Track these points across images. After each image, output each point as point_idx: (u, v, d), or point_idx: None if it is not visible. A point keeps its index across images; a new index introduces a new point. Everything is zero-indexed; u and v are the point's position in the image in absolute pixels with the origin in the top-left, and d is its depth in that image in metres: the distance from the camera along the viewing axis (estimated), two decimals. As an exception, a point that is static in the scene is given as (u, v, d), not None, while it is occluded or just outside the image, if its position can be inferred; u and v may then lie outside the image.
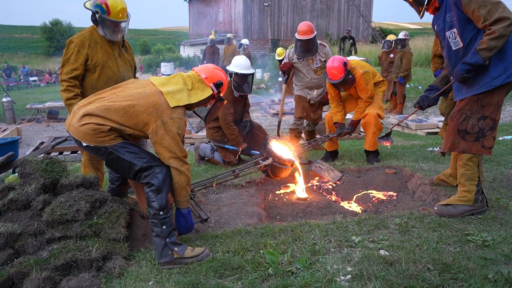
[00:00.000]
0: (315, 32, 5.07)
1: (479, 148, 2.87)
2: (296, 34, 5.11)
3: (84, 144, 2.48)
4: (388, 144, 4.04)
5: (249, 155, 4.86)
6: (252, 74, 4.82)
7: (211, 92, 2.71)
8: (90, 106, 2.51)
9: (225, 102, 2.93)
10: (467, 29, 2.77)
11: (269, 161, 3.62)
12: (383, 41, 11.09)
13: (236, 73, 4.70)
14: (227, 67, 5.04)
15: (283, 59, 9.90)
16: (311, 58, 5.16)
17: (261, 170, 3.72)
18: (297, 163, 3.80)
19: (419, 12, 3.00)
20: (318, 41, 5.20)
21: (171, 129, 2.47)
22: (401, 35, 9.89)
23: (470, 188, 2.95)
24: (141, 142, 3.41)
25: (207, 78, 2.71)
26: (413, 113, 4.41)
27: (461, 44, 2.83)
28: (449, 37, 2.88)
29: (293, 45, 5.24)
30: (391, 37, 10.62)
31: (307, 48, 5.06)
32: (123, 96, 2.53)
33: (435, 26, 3.03)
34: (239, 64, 4.74)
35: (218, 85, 2.73)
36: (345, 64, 4.35)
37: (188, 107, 2.68)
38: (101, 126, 2.43)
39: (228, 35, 14.32)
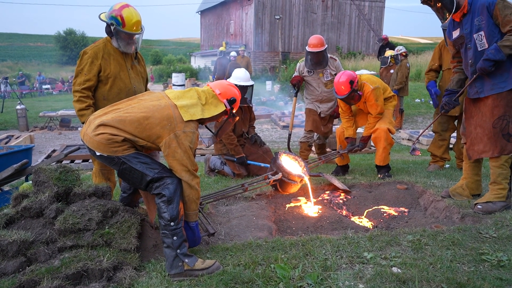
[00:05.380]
0: (326, 45, 5.08)
1: None
2: (306, 47, 5.12)
3: (98, 154, 2.51)
4: (418, 153, 4.32)
5: (245, 165, 4.91)
6: (252, 86, 4.97)
7: (224, 108, 2.74)
8: (105, 117, 2.54)
9: (237, 118, 2.95)
10: (493, 33, 3.18)
11: (279, 176, 3.61)
12: (380, 58, 11.07)
13: (236, 85, 4.77)
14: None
15: None
16: (321, 71, 5.18)
17: (270, 185, 3.71)
18: (306, 179, 3.79)
19: (443, 18, 3.40)
20: (329, 55, 5.21)
21: (184, 143, 2.49)
22: (394, 52, 10.25)
23: (505, 185, 3.36)
24: (154, 153, 3.43)
25: (221, 94, 2.73)
26: (436, 119, 4.61)
27: (486, 46, 3.21)
28: (476, 39, 3.26)
29: (304, 58, 5.27)
30: (387, 53, 10.63)
31: (318, 61, 5.07)
32: (138, 108, 2.56)
33: (457, 31, 3.40)
34: (239, 76, 4.90)
35: (231, 101, 2.76)
36: (351, 82, 4.35)
37: (201, 121, 2.71)
38: (114, 137, 2.46)
39: (241, 47, 14.43)
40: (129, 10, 3.31)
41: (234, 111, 2.83)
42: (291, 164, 3.92)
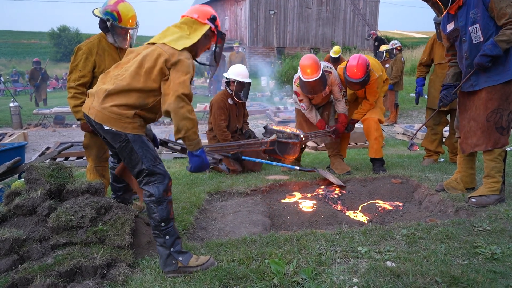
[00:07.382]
0: (322, 66, 4.25)
1: (508, 139, 3.35)
2: (300, 74, 4.24)
3: (106, 128, 2.43)
4: (416, 148, 4.31)
5: (240, 161, 4.92)
6: (250, 83, 5.02)
7: (209, 26, 2.65)
8: (106, 86, 2.47)
9: (225, 36, 2.83)
10: (489, 25, 3.17)
11: (273, 137, 3.56)
12: (376, 52, 11.13)
13: (239, 82, 4.87)
14: (224, 74, 5.11)
15: (338, 57, 9.82)
16: None
17: (269, 154, 3.60)
18: (301, 135, 3.72)
19: (440, 12, 3.37)
20: (324, 65, 4.41)
21: (180, 69, 2.42)
22: (389, 46, 10.29)
23: (498, 179, 3.37)
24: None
25: (199, 16, 2.64)
26: (433, 115, 4.44)
27: (481, 39, 3.20)
28: (472, 32, 3.25)
29: (298, 81, 4.46)
30: (382, 48, 10.58)
31: (316, 85, 4.24)
32: (130, 65, 2.51)
33: (451, 24, 3.40)
34: (241, 72, 4.91)
35: (212, 19, 2.67)
36: (368, 65, 4.30)
37: (194, 53, 2.63)
38: (125, 111, 2.40)
39: (236, 43, 14.30)
40: (124, 5, 3.31)
41: (219, 29, 2.72)
42: (283, 127, 3.93)
